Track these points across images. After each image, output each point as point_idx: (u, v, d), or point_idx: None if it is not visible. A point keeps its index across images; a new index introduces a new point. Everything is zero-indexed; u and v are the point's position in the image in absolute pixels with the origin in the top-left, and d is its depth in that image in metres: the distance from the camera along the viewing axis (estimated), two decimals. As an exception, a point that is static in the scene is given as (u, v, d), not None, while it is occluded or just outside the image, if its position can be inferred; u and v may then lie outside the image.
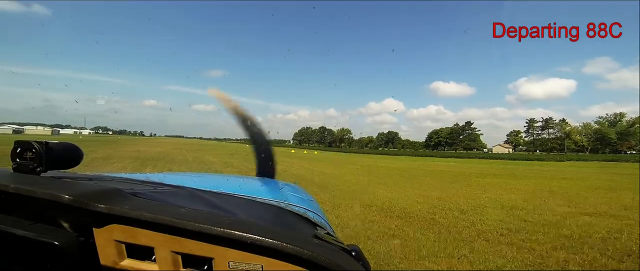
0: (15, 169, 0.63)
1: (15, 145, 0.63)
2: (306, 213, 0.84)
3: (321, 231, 0.68)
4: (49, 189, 0.52)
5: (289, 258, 0.48)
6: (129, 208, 0.52)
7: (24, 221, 0.55)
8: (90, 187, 0.59)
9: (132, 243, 0.54)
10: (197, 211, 0.58)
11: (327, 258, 0.48)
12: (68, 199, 0.51)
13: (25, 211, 0.56)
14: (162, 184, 0.87)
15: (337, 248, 0.55)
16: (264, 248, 0.48)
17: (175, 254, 0.52)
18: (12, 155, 0.63)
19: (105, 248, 0.54)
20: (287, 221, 0.75)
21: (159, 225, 0.50)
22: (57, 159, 0.64)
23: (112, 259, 0.55)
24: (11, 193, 0.53)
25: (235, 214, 0.66)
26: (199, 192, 0.81)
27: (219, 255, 0.51)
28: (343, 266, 0.48)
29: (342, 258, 0.52)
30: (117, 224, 0.53)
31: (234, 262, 0.50)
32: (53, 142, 0.64)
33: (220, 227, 0.49)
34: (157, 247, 0.53)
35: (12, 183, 0.54)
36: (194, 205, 0.66)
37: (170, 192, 0.79)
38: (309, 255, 0.47)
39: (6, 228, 0.52)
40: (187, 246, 0.51)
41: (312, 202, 1.16)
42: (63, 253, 0.50)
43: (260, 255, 0.50)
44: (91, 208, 0.51)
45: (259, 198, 0.86)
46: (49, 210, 0.55)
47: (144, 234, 0.53)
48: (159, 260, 0.53)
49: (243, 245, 0.49)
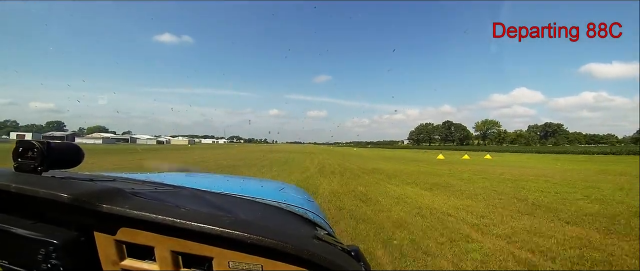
0: (17, 168, 0.63)
1: (17, 144, 0.63)
2: (306, 214, 0.84)
3: (321, 231, 0.68)
4: (50, 188, 0.53)
5: (288, 258, 0.49)
6: (129, 208, 0.52)
7: (24, 221, 0.55)
8: (91, 186, 0.59)
9: (132, 242, 0.55)
10: (198, 211, 0.58)
11: (327, 258, 0.48)
12: (69, 198, 0.51)
13: (26, 211, 0.57)
14: (162, 184, 0.88)
15: (337, 249, 0.55)
16: (264, 248, 0.48)
17: (176, 254, 0.53)
18: (13, 154, 0.63)
19: (105, 247, 0.55)
20: (287, 222, 0.75)
21: (159, 224, 0.50)
22: (58, 159, 0.64)
23: (112, 258, 0.55)
24: (12, 193, 0.53)
25: (235, 214, 0.66)
26: (200, 192, 0.82)
27: (219, 255, 0.51)
28: (343, 267, 0.48)
29: (342, 258, 0.51)
30: (117, 224, 0.54)
31: (234, 262, 0.51)
32: (54, 141, 0.65)
33: (220, 227, 0.49)
34: (157, 247, 0.53)
35: (13, 183, 0.54)
36: (195, 205, 0.67)
37: (170, 192, 0.80)
38: (308, 255, 0.47)
39: (7, 227, 0.54)
40: (188, 246, 0.52)
41: (312, 202, 1.16)
42: (64, 252, 0.51)
43: (260, 255, 0.50)
44: (92, 208, 0.51)
45: (259, 198, 0.87)
46: (50, 210, 0.55)
47: (145, 234, 0.53)
48: (159, 259, 0.54)
49: (243, 245, 0.49)
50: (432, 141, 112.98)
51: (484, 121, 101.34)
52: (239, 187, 1.04)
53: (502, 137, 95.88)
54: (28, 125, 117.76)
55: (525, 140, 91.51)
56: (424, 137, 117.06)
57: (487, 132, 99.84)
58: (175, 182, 0.93)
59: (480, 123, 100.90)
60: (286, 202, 0.91)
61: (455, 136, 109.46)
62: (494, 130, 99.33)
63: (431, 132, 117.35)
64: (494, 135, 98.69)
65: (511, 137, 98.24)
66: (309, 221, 0.79)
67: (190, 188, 0.84)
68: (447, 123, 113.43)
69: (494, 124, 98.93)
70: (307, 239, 0.55)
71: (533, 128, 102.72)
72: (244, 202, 0.83)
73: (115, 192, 0.57)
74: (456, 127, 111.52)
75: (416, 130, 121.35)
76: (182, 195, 0.76)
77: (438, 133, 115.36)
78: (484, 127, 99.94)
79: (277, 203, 0.86)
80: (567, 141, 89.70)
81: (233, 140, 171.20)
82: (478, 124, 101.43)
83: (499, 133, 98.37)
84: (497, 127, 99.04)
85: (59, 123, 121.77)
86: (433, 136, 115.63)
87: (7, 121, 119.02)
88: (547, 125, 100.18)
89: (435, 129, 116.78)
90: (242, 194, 0.90)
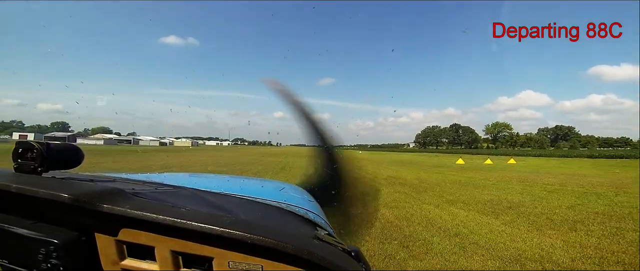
0: (17, 169, 0.63)
1: (17, 145, 0.63)
2: (306, 214, 0.83)
3: (321, 231, 0.67)
4: (50, 189, 0.53)
5: (288, 259, 0.49)
6: (129, 208, 0.52)
7: (25, 221, 0.56)
8: (91, 187, 0.59)
9: (132, 242, 0.55)
10: (198, 211, 0.58)
11: (327, 259, 0.48)
12: (69, 199, 0.51)
13: (27, 212, 0.57)
14: (162, 184, 0.88)
15: (337, 249, 0.55)
16: (264, 249, 0.48)
17: (176, 254, 0.53)
18: (13, 155, 0.63)
19: (106, 247, 0.55)
20: (287, 222, 0.74)
21: (159, 225, 0.50)
22: (58, 159, 0.64)
23: (112, 258, 0.55)
24: (13, 193, 0.53)
25: (235, 214, 0.65)
26: (200, 192, 0.82)
27: (219, 255, 0.51)
28: (343, 267, 0.48)
29: (342, 258, 0.51)
30: (118, 224, 0.54)
31: (233, 262, 0.51)
32: (54, 142, 0.65)
33: (220, 227, 0.49)
34: (157, 247, 0.54)
35: (13, 183, 0.54)
36: (195, 205, 0.67)
37: (170, 192, 0.79)
38: (308, 256, 0.47)
39: (7, 227, 0.54)
40: (188, 246, 0.52)
41: (312, 202, 1.14)
42: (64, 252, 0.51)
43: (260, 255, 0.50)
44: (92, 208, 0.51)
45: (259, 198, 0.86)
46: (50, 210, 0.56)
47: (145, 234, 0.54)
48: (160, 259, 0.54)
49: (243, 245, 0.49)
50: (439, 144, 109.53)
51: (495, 124, 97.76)
52: (239, 187, 1.05)
53: (514, 140, 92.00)
54: (33, 125, 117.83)
55: (538, 143, 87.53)
56: (431, 140, 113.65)
57: (498, 134, 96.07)
58: (176, 182, 0.92)
59: (491, 126, 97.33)
60: (286, 202, 0.90)
61: (463, 139, 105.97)
62: (505, 133, 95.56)
63: (438, 135, 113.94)
64: (505, 138, 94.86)
65: (521, 140, 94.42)
66: (309, 222, 0.77)
67: (190, 189, 0.84)
68: (454, 126, 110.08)
69: (505, 127, 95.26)
70: (307, 239, 0.55)
71: (543, 131, 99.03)
72: (244, 202, 0.82)
73: (116, 192, 0.58)
74: (464, 130, 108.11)
75: (423, 133, 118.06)
76: (182, 195, 0.76)
77: (445, 136, 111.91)
78: (495, 129, 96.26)
79: (277, 203, 0.86)
80: (580, 144, 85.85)
81: (237, 142, 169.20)
82: (488, 127, 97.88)
83: (511, 136, 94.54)
84: (509, 129, 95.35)
85: (63, 124, 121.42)
86: (440, 139, 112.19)
87: (13, 121, 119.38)
88: (558, 128, 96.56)
89: (442, 132, 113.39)
90: (242, 194, 0.89)
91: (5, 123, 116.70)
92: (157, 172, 1.28)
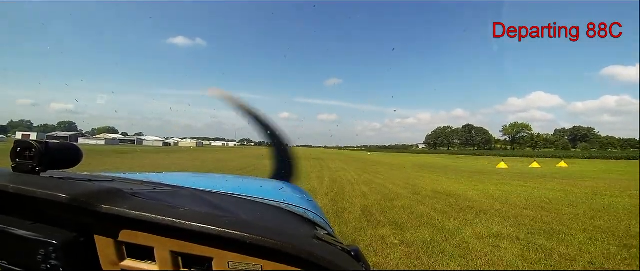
0: (15, 169, 0.62)
1: (15, 144, 0.62)
2: (306, 214, 0.83)
3: (321, 231, 0.67)
4: (49, 189, 0.52)
5: (288, 259, 0.48)
6: (128, 208, 0.51)
7: (24, 221, 0.55)
8: (90, 187, 0.58)
9: (132, 243, 0.54)
10: (197, 211, 0.57)
11: (327, 259, 0.47)
12: (67, 199, 0.50)
13: (25, 211, 0.56)
14: (161, 184, 0.87)
15: (337, 249, 0.54)
16: (264, 249, 0.48)
17: (175, 254, 0.53)
18: (11, 154, 0.62)
19: (105, 248, 0.55)
20: (287, 222, 0.74)
21: (158, 225, 0.50)
22: (56, 159, 0.63)
23: (112, 259, 0.55)
24: (11, 193, 0.53)
25: (235, 214, 0.65)
26: (199, 192, 0.81)
27: (218, 255, 0.51)
28: (343, 267, 0.48)
29: (342, 258, 0.51)
30: (117, 224, 0.53)
31: (233, 262, 0.51)
32: (53, 141, 0.64)
33: (220, 227, 0.48)
34: (157, 247, 0.53)
35: (11, 183, 0.53)
36: (194, 205, 0.66)
37: (170, 192, 0.78)
38: (308, 256, 0.47)
39: (6, 228, 0.53)
40: (187, 247, 0.52)
41: (312, 202, 1.14)
42: (63, 253, 0.51)
43: (259, 255, 0.50)
44: (91, 208, 0.51)
45: (258, 198, 0.86)
46: (49, 210, 0.55)
47: (144, 234, 0.53)
48: (159, 260, 0.53)
49: (243, 245, 0.48)
50: (451, 145, 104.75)
51: (513, 124, 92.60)
52: (238, 187, 1.03)
53: (535, 141, 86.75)
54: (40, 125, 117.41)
55: (562, 144, 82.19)
56: (442, 141, 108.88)
57: (517, 135, 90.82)
58: (175, 182, 0.91)
59: (509, 126, 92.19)
60: (286, 201, 0.89)
61: (477, 140, 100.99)
62: (524, 133, 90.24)
63: (450, 135, 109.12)
64: (525, 139, 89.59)
65: (541, 140, 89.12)
66: (308, 221, 0.77)
67: (189, 189, 0.83)
68: (467, 127, 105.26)
69: (524, 127, 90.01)
70: (307, 239, 0.54)
71: (560, 132, 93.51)
72: (243, 202, 0.81)
73: (115, 192, 0.57)
74: (477, 131, 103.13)
75: (433, 134, 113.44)
76: (181, 195, 0.75)
77: (457, 137, 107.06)
78: (513, 130, 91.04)
79: (276, 203, 0.85)
80: (600, 146, 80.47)
81: (244, 143, 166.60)
82: (506, 128, 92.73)
83: (532, 137, 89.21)
84: (528, 130, 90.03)
85: (70, 124, 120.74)
86: (452, 140, 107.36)
87: (22, 121, 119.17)
88: (576, 128, 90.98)
89: (454, 133, 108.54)
90: (241, 194, 0.88)
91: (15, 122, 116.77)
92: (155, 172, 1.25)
